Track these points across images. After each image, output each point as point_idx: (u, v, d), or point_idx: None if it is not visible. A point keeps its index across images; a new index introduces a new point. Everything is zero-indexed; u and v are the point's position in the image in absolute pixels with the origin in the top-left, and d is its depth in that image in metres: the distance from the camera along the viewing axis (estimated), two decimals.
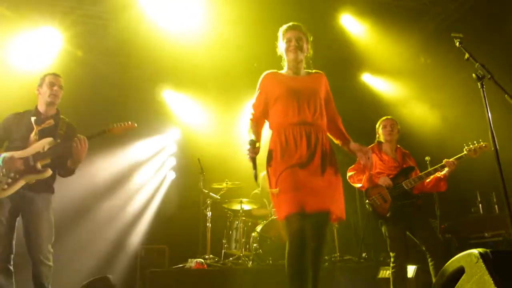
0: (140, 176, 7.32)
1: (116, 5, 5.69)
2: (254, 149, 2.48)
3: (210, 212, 5.92)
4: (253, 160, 2.48)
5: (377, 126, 4.18)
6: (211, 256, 5.49)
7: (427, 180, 3.89)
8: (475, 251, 1.89)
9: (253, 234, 5.57)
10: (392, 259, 3.73)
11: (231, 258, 5.53)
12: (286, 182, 2.44)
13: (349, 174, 4.03)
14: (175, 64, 6.70)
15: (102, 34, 6.21)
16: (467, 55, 2.52)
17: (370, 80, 8.15)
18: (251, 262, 5.31)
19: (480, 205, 5.89)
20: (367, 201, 3.94)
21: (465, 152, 3.80)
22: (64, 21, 5.83)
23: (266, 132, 2.77)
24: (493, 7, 6.04)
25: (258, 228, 5.55)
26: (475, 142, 3.79)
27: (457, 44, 2.63)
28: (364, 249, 5.88)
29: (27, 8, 5.63)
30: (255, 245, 5.40)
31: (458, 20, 6.51)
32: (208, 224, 5.87)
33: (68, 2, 5.73)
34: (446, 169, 3.79)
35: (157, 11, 5.89)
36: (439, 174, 3.85)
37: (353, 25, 6.76)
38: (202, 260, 5.00)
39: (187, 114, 7.92)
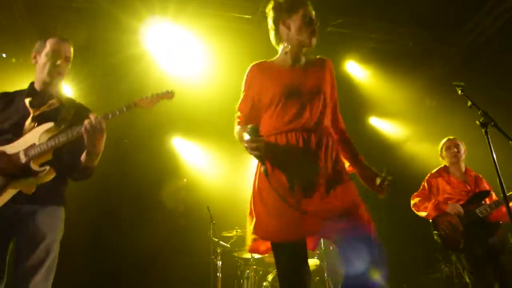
0: (149, 225, 7.24)
1: (127, 57, 5.89)
2: (257, 138, 1.84)
3: (220, 262, 5.79)
4: (260, 152, 1.83)
5: (439, 149, 3.90)
6: None
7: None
8: None
9: (264, 283, 5.41)
10: None
11: None
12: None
13: (412, 202, 3.72)
14: (185, 112, 6.82)
15: (113, 86, 6.38)
16: (470, 103, 2.53)
17: (378, 123, 8.21)
18: None
19: None
20: (435, 232, 3.54)
21: None
22: (76, 75, 6.03)
23: None
24: (494, 49, 6.17)
25: (270, 277, 5.39)
26: None
27: (459, 92, 2.63)
28: None
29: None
30: None
31: (461, 63, 6.64)
32: (218, 274, 5.73)
33: (80, 56, 5.94)
34: None
35: (167, 61, 6.09)
36: None
37: (358, 71, 6.91)
38: None
39: (196, 162, 7.96)
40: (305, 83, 2.08)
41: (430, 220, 3.63)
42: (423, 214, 3.68)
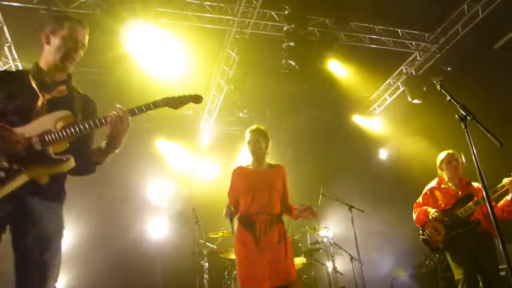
0: (134, 226, 7.18)
1: (108, 59, 5.82)
2: (231, 211, 3.14)
3: (207, 263, 5.76)
4: (231, 219, 3.13)
5: (438, 162, 3.98)
6: None
7: (498, 206, 3.60)
8: None
9: None
10: None
11: None
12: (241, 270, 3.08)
13: (413, 215, 3.96)
14: (167, 114, 6.78)
15: (95, 88, 6.29)
16: (448, 97, 2.55)
17: (361, 121, 8.30)
18: None
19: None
20: (421, 236, 3.85)
21: None
22: None
23: None
24: (471, 47, 6.31)
25: None
26: None
27: (438, 87, 2.66)
28: None
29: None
30: None
31: (441, 60, 6.77)
32: (205, 276, 5.70)
33: None
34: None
35: (149, 62, 6.04)
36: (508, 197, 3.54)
37: (340, 69, 6.95)
38: None
39: (181, 164, 7.91)
40: (263, 183, 3.25)
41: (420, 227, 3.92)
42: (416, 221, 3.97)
